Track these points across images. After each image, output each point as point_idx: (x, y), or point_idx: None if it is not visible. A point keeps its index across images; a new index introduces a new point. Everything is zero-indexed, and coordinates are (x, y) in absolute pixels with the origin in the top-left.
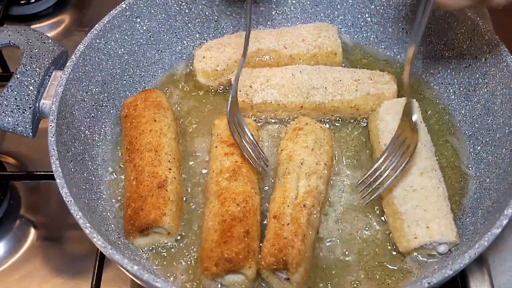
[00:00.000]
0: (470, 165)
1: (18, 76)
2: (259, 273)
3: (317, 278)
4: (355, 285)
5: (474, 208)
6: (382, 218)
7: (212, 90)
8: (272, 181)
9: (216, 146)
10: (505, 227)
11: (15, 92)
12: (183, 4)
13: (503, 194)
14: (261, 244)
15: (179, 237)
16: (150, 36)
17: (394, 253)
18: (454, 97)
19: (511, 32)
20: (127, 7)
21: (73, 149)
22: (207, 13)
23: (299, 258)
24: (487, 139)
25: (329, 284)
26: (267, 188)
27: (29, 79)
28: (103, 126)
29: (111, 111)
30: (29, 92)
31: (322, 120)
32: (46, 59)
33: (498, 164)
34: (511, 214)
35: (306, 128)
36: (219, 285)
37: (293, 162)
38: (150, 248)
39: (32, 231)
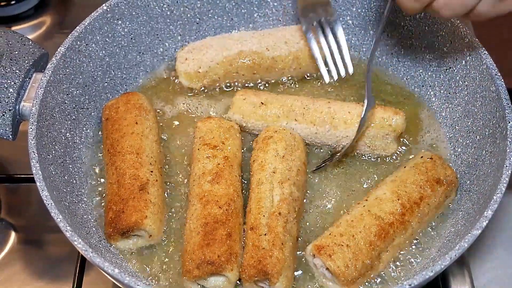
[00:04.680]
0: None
1: None
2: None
3: None
4: None
5: (454, 210)
6: None
7: (195, 92)
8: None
9: (198, 149)
10: (485, 228)
11: None
12: (165, 6)
13: (483, 196)
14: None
15: (161, 240)
16: (131, 38)
17: None
18: (435, 99)
19: (491, 35)
20: (108, 9)
21: (53, 152)
22: (188, 15)
23: (279, 267)
24: (467, 141)
25: None
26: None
27: (9, 81)
28: (84, 128)
29: (92, 114)
30: (9, 94)
31: None
32: (26, 61)
33: (478, 166)
34: (491, 215)
35: (275, 136)
36: None
37: (265, 172)
38: (132, 251)
39: (13, 234)
